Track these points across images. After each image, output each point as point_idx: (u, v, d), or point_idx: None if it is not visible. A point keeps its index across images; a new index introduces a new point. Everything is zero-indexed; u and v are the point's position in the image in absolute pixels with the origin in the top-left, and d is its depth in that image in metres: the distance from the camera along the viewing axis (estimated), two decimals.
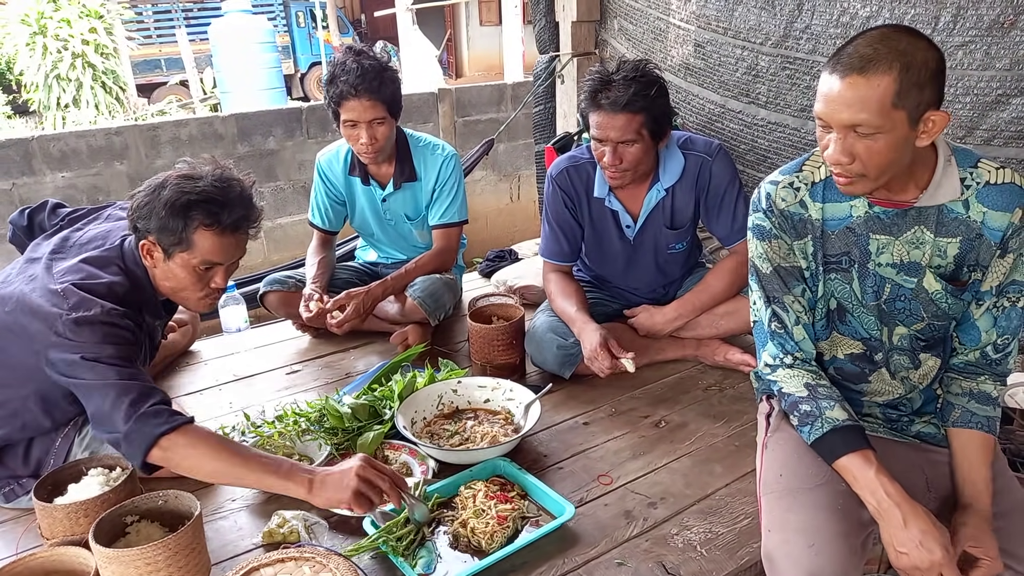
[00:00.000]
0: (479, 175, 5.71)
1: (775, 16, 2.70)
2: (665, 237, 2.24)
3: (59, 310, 1.51)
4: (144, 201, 1.59)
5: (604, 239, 2.29)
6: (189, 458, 1.46)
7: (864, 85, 1.15)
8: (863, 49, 1.16)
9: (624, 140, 1.99)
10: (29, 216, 1.92)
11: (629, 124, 1.97)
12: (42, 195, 4.29)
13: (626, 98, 1.94)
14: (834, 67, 1.18)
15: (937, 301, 1.37)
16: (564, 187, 2.24)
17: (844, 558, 1.25)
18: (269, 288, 2.58)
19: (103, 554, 1.30)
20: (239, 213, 1.63)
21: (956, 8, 2.21)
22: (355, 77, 2.24)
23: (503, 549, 1.49)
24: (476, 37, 16.12)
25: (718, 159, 2.16)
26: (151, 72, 12.62)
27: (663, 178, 2.15)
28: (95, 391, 1.48)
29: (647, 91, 1.97)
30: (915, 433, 1.51)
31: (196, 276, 1.65)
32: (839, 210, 1.38)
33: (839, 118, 1.18)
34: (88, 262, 1.63)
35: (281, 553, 1.38)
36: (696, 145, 2.18)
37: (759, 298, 1.47)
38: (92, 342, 1.49)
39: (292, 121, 5.04)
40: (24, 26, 8.51)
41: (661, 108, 2.02)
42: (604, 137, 2.00)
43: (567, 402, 2.13)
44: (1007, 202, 1.29)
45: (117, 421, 1.45)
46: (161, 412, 1.47)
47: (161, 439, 1.44)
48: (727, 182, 2.16)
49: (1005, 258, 1.32)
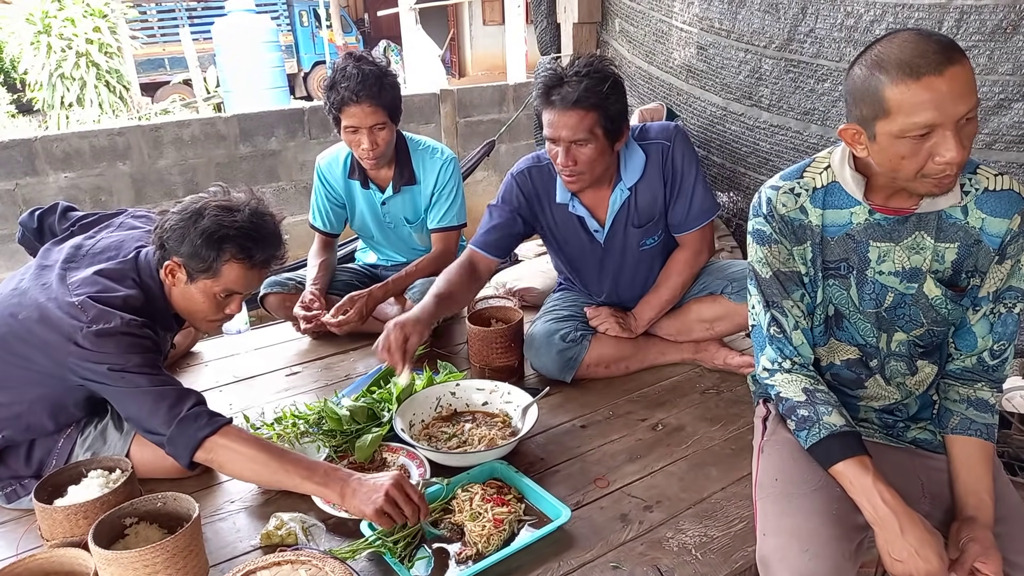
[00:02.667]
0: (480, 176, 5.72)
1: (779, 20, 2.70)
2: (635, 235, 2.16)
3: (78, 323, 1.53)
4: (178, 225, 1.62)
5: (572, 243, 2.22)
6: (231, 459, 1.54)
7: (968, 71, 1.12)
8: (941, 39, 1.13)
9: (577, 139, 1.90)
10: (39, 218, 1.93)
11: (581, 122, 1.88)
12: (45, 195, 4.31)
13: (577, 94, 1.85)
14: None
15: (937, 307, 1.37)
16: (524, 187, 2.15)
17: (839, 563, 1.25)
18: (269, 290, 2.59)
19: (102, 556, 1.32)
20: (270, 252, 1.68)
21: (959, 13, 2.21)
22: (355, 83, 2.24)
23: (499, 552, 1.50)
24: (479, 36, 16.12)
25: (677, 143, 2.06)
26: (155, 71, 12.65)
27: (625, 177, 2.06)
28: (128, 399, 1.54)
29: (599, 87, 1.88)
30: (911, 439, 1.52)
31: (214, 302, 1.69)
32: (839, 217, 1.38)
33: (957, 110, 1.12)
34: (103, 274, 1.64)
35: (278, 556, 1.39)
36: (652, 133, 2.09)
37: (758, 302, 1.47)
38: (115, 353, 1.53)
39: (294, 122, 5.06)
40: (29, 25, 8.56)
41: (616, 106, 1.92)
42: (556, 136, 1.92)
43: (565, 405, 2.13)
44: (1006, 209, 1.29)
45: (158, 426, 1.52)
46: (201, 414, 1.53)
47: (205, 441, 1.51)
48: (685, 165, 2.06)
49: (1003, 264, 1.32)
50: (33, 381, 1.63)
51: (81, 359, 1.53)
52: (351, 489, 1.49)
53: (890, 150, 1.18)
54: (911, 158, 1.17)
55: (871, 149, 1.23)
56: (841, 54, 2.55)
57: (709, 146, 3.24)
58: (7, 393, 1.65)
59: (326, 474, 1.52)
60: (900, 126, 1.14)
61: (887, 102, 1.14)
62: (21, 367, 1.62)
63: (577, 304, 2.34)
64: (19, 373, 1.62)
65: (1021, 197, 1.29)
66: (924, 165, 1.17)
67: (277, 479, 1.55)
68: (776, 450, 1.52)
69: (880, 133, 1.18)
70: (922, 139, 1.15)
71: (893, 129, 1.15)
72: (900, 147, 1.17)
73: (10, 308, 1.63)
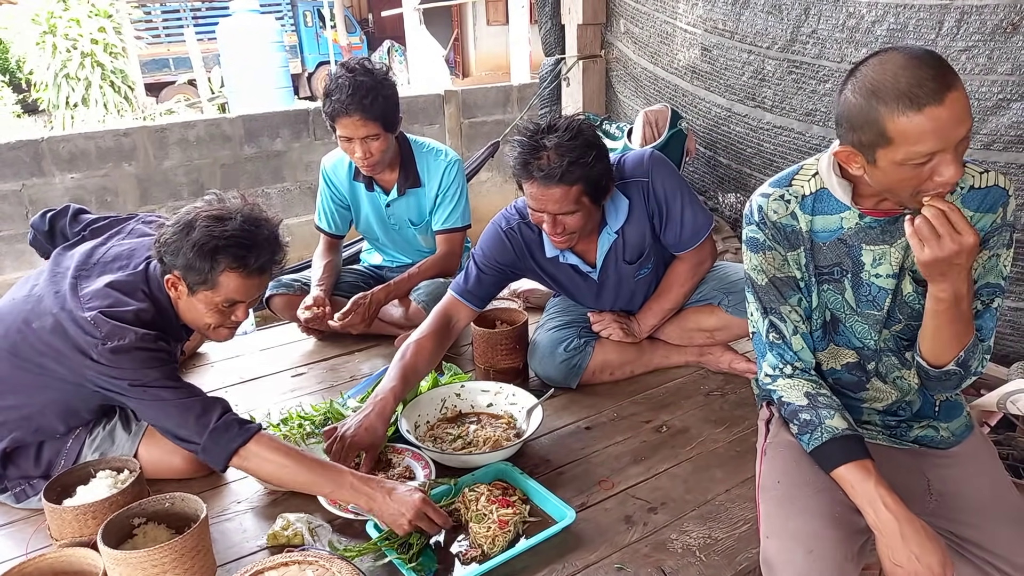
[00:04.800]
0: (485, 176, 5.73)
1: (782, 21, 2.71)
2: (628, 270, 2.14)
3: (92, 339, 1.54)
4: (172, 238, 1.60)
5: (567, 285, 2.22)
6: (264, 466, 1.57)
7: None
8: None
9: (563, 212, 1.86)
10: (51, 221, 1.94)
11: (566, 196, 1.82)
12: (51, 196, 4.32)
13: (561, 170, 1.77)
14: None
15: (911, 303, 1.38)
16: (514, 243, 2.09)
17: (841, 564, 1.26)
18: (275, 291, 2.60)
19: (111, 556, 1.33)
20: (266, 257, 1.65)
21: (960, 13, 2.22)
22: (346, 95, 2.23)
23: (504, 553, 1.51)
24: (483, 37, 16.12)
25: (654, 174, 2.02)
26: (159, 71, 12.70)
27: (611, 223, 2.03)
28: (153, 411, 1.57)
29: (584, 158, 1.79)
30: (914, 438, 1.52)
31: (218, 312, 1.68)
32: (829, 222, 1.39)
33: (958, 134, 1.13)
34: (114, 287, 1.64)
35: (285, 557, 1.40)
36: (628, 169, 2.04)
37: (756, 310, 1.48)
38: (133, 368, 1.54)
39: (299, 122, 5.07)
40: (34, 25, 8.60)
41: (599, 169, 1.85)
42: (541, 209, 1.87)
43: (569, 407, 2.14)
44: (991, 204, 1.30)
45: (190, 436, 1.55)
46: (232, 424, 1.55)
47: (240, 450, 1.54)
48: (668, 195, 2.02)
49: (982, 253, 1.31)
50: (46, 386, 1.64)
51: (99, 373, 1.55)
52: (377, 509, 1.52)
53: (891, 175, 1.19)
54: (911, 179, 1.18)
55: (869, 171, 1.23)
56: (843, 55, 2.56)
57: (715, 147, 3.24)
58: (18, 396, 1.67)
59: (353, 488, 1.54)
60: (904, 155, 1.15)
61: (888, 132, 1.14)
62: (34, 373, 1.63)
63: (579, 308, 2.35)
64: (31, 378, 1.64)
65: (1006, 191, 1.30)
66: (923, 184, 1.18)
67: (306, 484, 1.59)
68: (779, 452, 1.53)
69: (882, 160, 1.19)
70: (923, 164, 1.15)
71: (896, 157, 1.16)
72: (902, 172, 1.17)
73: (24, 314, 1.64)
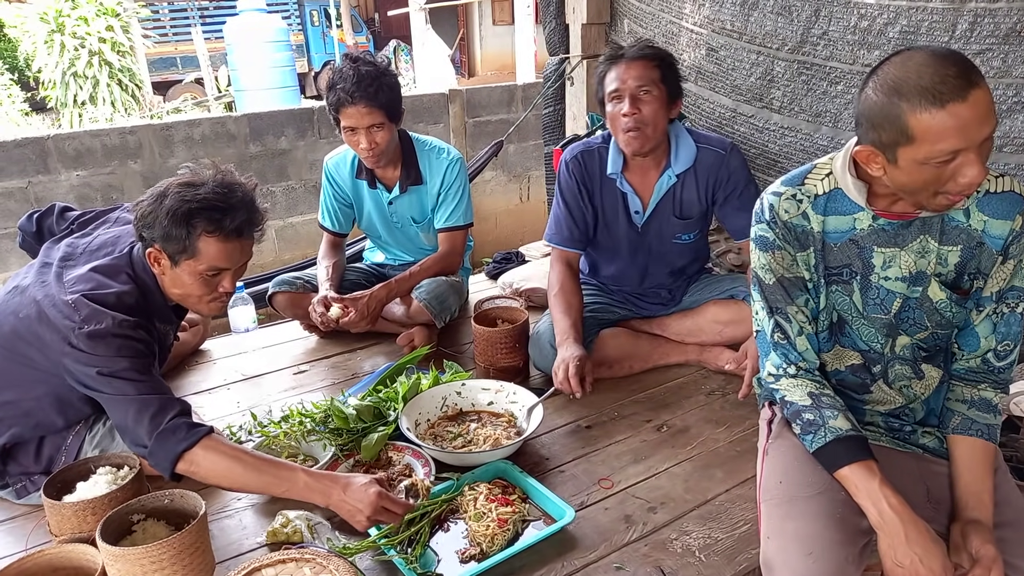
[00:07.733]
0: (489, 175, 5.73)
1: (792, 22, 2.69)
2: (672, 226, 2.23)
3: (71, 323, 1.54)
4: (148, 210, 1.60)
5: (612, 225, 2.27)
6: (212, 471, 1.52)
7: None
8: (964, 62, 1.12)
9: (642, 87, 2.00)
10: (37, 221, 1.94)
11: (646, 71, 2.01)
12: (57, 193, 4.34)
13: (643, 50, 2.03)
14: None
15: (942, 310, 1.37)
16: (577, 172, 2.24)
17: (842, 566, 1.25)
18: (277, 289, 2.60)
19: (109, 552, 1.33)
20: (242, 218, 1.62)
21: (973, 16, 2.20)
22: (351, 84, 2.25)
23: (503, 552, 1.51)
24: (489, 36, 16.12)
25: (734, 154, 2.18)
26: (167, 70, 12.74)
27: (674, 164, 2.15)
28: (114, 405, 1.54)
29: (660, 52, 2.06)
30: (917, 444, 1.51)
31: (203, 282, 1.66)
32: (841, 223, 1.38)
33: (982, 134, 1.13)
34: (98, 271, 1.64)
35: (282, 554, 1.40)
36: (710, 140, 2.20)
37: (762, 308, 1.47)
38: (106, 355, 1.52)
39: (304, 121, 5.07)
40: (43, 24, 8.64)
41: (673, 74, 2.08)
42: (622, 86, 2.01)
43: (569, 406, 2.13)
44: (1007, 210, 1.29)
45: (141, 436, 1.51)
46: (180, 427, 1.50)
47: (184, 454, 1.49)
48: (745, 179, 2.18)
49: (1006, 264, 1.32)
50: (37, 379, 1.65)
51: (74, 360, 1.53)
52: (334, 505, 1.51)
53: (913, 174, 1.18)
54: (932, 180, 1.17)
55: (889, 171, 1.22)
56: (854, 56, 2.54)
57: None
58: (15, 390, 1.67)
59: (305, 489, 1.52)
60: (926, 153, 1.13)
61: (911, 130, 1.13)
62: (25, 365, 1.63)
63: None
64: (24, 371, 1.64)
65: (1022, 197, 1.29)
66: (944, 185, 1.17)
67: (260, 486, 1.55)
68: (780, 453, 1.52)
69: (903, 159, 1.17)
70: (945, 163, 1.14)
71: (918, 156, 1.14)
72: (924, 172, 1.16)
73: (12, 306, 1.64)
